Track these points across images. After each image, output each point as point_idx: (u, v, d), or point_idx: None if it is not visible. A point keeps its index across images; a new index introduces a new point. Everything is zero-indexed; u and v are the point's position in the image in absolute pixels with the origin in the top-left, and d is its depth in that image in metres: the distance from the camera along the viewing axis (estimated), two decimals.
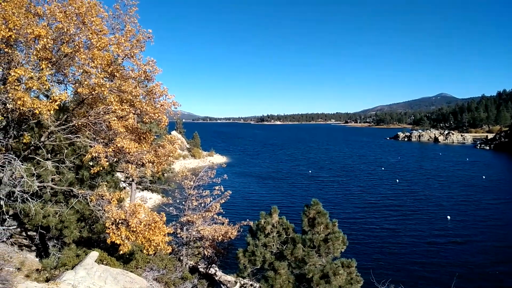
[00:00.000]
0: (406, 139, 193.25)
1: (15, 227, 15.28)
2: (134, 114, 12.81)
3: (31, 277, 11.75)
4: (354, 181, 73.72)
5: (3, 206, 12.15)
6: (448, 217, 45.86)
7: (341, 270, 12.39)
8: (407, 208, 51.34)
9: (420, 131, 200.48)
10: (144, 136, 14.45)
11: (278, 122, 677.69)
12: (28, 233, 17.36)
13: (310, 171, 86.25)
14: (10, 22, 9.72)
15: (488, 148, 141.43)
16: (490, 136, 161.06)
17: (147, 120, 13.17)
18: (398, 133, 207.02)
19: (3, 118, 11.64)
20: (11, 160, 11.58)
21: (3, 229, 13.27)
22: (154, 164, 14.46)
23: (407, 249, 35.57)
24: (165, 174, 32.40)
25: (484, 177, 74.60)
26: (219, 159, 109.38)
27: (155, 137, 20.27)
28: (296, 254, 13.69)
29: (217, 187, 21.49)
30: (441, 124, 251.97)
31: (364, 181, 72.99)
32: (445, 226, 43.02)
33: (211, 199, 21.37)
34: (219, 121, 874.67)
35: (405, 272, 30.41)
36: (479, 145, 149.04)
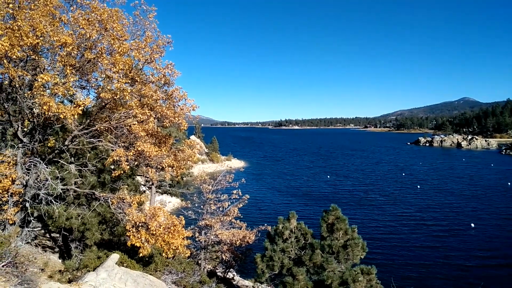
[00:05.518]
0: (427, 144, 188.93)
1: (39, 228, 15.69)
2: (154, 118, 13.01)
3: (54, 278, 12.00)
4: (374, 187, 72.48)
5: (28, 208, 12.51)
6: (472, 224, 44.41)
7: (361, 277, 12.15)
8: (429, 215, 50.01)
9: (442, 136, 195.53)
10: (164, 140, 14.64)
11: (296, 127, 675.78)
12: (52, 234, 17.79)
13: (328, 177, 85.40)
14: (37, 30, 10.06)
15: None
16: None
17: (167, 124, 13.35)
18: (419, 138, 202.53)
19: (29, 122, 12.03)
20: (36, 163, 11.94)
21: (28, 231, 13.64)
22: (174, 168, 14.62)
23: (430, 257, 34.58)
24: (184, 178, 32.74)
25: (509, 183, 72.05)
26: (237, 163, 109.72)
27: (175, 141, 20.51)
28: (314, 260, 13.52)
29: (235, 191, 21.54)
30: (464, 129, 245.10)
31: (384, 187, 71.67)
32: (469, 234, 41.66)
33: (229, 203, 21.41)
34: (237, 125, 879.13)
35: (427, 281, 29.58)
36: (504, 150, 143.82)
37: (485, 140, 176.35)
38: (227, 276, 22.41)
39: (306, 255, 13.85)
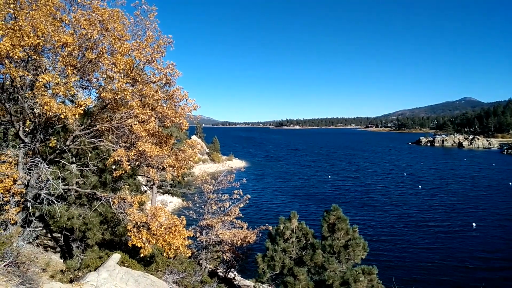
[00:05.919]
0: (428, 144, 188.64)
1: (40, 228, 15.70)
2: (155, 118, 13.00)
3: (55, 277, 12.00)
4: (375, 187, 72.42)
5: (30, 208, 12.52)
6: (474, 224, 44.32)
7: (362, 277, 12.13)
8: (430, 215, 49.95)
9: (443, 136, 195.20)
10: (165, 140, 14.64)
11: (297, 127, 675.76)
12: (53, 234, 17.80)
13: (329, 177, 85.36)
14: (38, 30, 10.07)
15: None
16: None
17: (168, 124, 13.35)
18: (421, 137, 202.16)
19: (30, 122, 12.04)
20: (38, 163, 11.95)
21: (30, 231, 13.65)
22: (175, 168, 14.63)
23: (431, 258, 34.54)
24: (185, 178, 32.71)
25: (511, 183, 71.93)
26: (238, 163, 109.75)
27: (176, 141, 20.51)
28: (315, 260, 13.51)
29: (236, 191, 21.52)
30: (465, 129, 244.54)
31: (386, 187, 71.59)
32: (470, 234, 41.59)
33: (230, 203, 21.40)
34: (238, 125, 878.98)
35: (428, 281, 29.53)
36: (505, 150, 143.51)
37: (487, 140, 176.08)
38: (228, 276, 22.41)
39: (307, 255, 13.85)
